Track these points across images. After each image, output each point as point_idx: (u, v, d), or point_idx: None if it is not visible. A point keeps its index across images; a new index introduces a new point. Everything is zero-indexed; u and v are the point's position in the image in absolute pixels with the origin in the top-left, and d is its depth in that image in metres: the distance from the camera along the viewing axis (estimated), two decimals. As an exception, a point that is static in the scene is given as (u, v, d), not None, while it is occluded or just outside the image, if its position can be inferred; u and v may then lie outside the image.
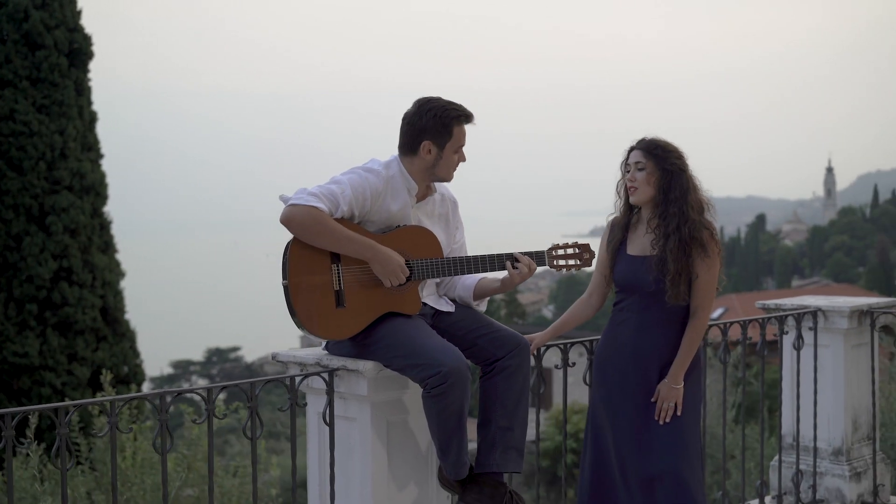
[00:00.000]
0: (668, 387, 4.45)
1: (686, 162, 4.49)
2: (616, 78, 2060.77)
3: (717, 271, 4.47)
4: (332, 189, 4.08)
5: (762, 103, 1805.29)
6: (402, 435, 4.23)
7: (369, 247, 4.07)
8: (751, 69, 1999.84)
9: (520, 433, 4.22)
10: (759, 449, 8.63)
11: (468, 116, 4.23)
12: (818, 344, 5.98)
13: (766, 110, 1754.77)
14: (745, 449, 5.78)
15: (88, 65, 15.57)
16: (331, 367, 4.14)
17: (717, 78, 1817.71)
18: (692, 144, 4.52)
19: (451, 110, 4.18)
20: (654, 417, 4.46)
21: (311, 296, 4.06)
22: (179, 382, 63.43)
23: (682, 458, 4.43)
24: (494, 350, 4.19)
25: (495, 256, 4.27)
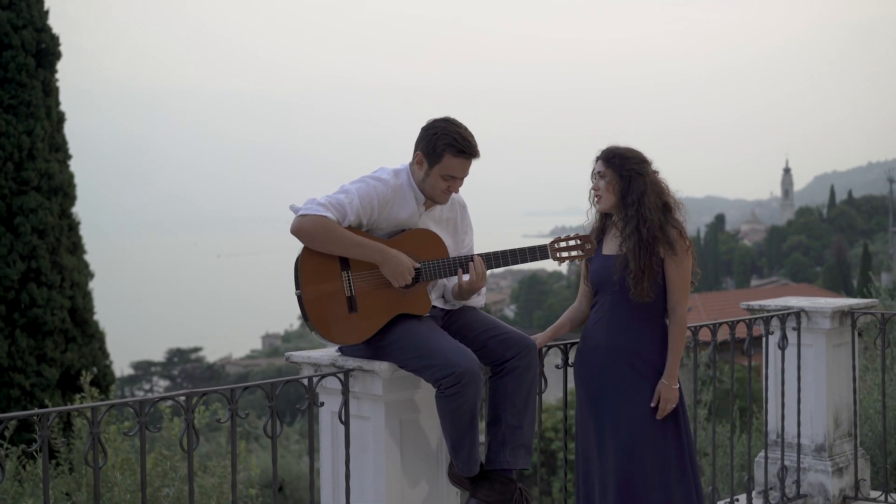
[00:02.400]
0: (667, 388, 4.62)
1: (645, 166, 4.69)
2: (577, 82, 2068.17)
3: (687, 268, 4.66)
4: (340, 199, 4.22)
5: (720, 105, 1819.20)
6: (414, 433, 4.36)
7: (378, 250, 4.21)
8: (708, 73, 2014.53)
9: (528, 431, 4.37)
10: (739, 446, 8.86)
11: (463, 151, 4.30)
12: (801, 343, 6.18)
13: (724, 112, 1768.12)
14: (732, 447, 5.96)
15: (56, 65, 15.47)
16: (346, 367, 4.27)
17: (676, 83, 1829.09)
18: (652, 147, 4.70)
19: (449, 137, 4.29)
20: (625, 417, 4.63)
21: (324, 303, 4.20)
22: (140, 384, 62.99)
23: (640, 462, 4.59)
24: (504, 351, 4.34)
25: (500, 254, 4.41)
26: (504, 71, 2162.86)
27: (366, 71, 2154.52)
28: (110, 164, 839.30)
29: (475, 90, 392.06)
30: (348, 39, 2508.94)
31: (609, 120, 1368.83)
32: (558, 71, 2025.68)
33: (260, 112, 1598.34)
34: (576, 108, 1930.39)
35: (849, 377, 6.41)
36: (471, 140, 4.33)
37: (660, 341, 4.70)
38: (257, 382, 4.02)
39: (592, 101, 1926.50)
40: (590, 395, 4.74)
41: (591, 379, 4.74)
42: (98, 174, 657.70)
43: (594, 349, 4.72)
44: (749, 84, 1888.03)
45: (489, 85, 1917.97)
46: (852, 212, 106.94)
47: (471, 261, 4.36)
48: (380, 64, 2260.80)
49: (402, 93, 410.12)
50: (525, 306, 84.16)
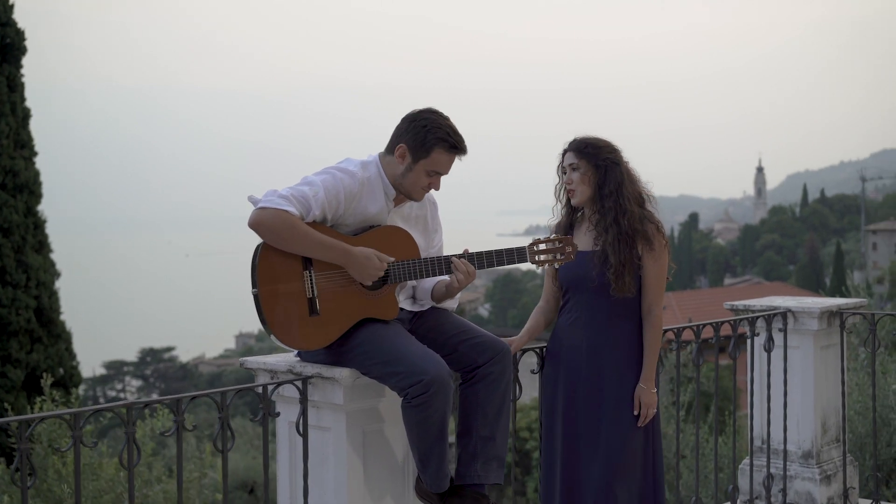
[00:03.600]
0: (647, 392, 4.40)
1: (620, 155, 4.46)
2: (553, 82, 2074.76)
3: (664, 265, 4.44)
4: (303, 191, 3.87)
5: (694, 106, 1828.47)
6: (379, 445, 4.04)
7: (343, 252, 3.88)
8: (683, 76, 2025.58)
9: (501, 443, 4.05)
10: (724, 449, 8.59)
11: (456, 147, 4.01)
12: (787, 345, 5.90)
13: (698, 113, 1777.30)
14: (716, 455, 5.66)
15: (21, 60, 15.10)
16: (304, 374, 3.94)
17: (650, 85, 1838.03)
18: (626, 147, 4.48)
19: (441, 131, 3.98)
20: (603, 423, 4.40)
21: (284, 304, 3.86)
22: (112, 383, 62.49)
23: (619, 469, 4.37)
24: (476, 356, 4.02)
25: (474, 256, 4.09)
26: (482, 70, 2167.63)
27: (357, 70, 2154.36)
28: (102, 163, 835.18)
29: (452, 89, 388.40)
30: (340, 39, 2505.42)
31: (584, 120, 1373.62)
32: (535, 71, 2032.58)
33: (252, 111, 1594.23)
34: (551, 108, 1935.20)
35: (837, 380, 6.13)
36: (461, 135, 4.03)
37: (641, 340, 4.45)
38: (205, 392, 3.67)
39: (568, 101, 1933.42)
40: (565, 399, 4.47)
41: (568, 382, 4.47)
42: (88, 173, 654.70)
43: (573, 350, 4.46)
44: (723, 86, 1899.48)
45: (466, 84, 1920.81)
46: (825, 211, 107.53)
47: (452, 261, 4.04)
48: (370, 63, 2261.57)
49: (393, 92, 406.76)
50: (499, 305, 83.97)
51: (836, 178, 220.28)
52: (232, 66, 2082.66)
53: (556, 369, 4.53)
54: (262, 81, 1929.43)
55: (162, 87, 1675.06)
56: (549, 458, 4.52)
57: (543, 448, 4.56)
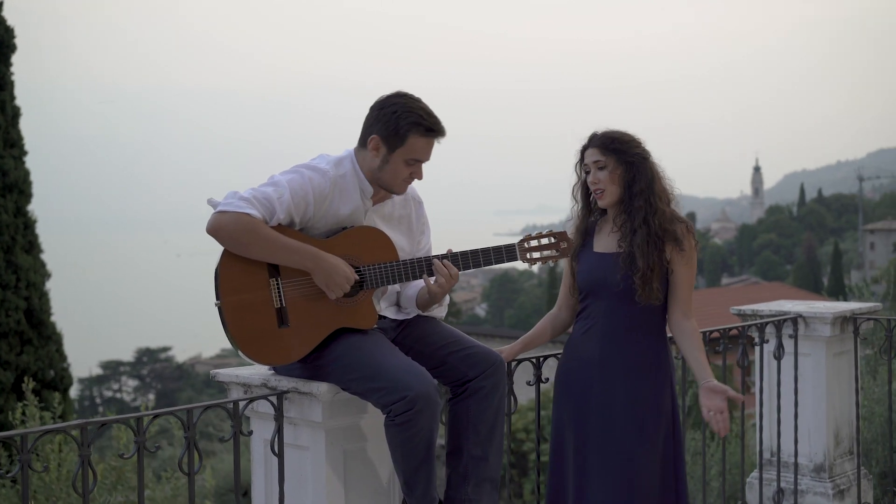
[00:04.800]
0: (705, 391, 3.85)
1: (646, 149, 4.05)
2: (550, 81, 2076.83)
3: (695, 267, 4.03)
4: (266, 193, 3.54)
5: (691, 105, 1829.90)
6: (361, 465, 3.71)
7: (310, 255, 3.54)
8: (681, 74, 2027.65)
9: (495, 463, 3.73)
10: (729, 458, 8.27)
11: (432, 129, 3.66)
12: (798, 352, 5.58)
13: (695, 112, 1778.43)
14: (724, 469, 5.34)
15: (11, 58, 14.79)
16: (279, 389, 3.62)
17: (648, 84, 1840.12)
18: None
19: (413, 115, 3.63)
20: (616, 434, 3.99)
21: (249, 316, 3.53)
22: (109, 383, 62.21)
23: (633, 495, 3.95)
24: (466, 369, 3.69)
25: (460, 255, 3.74)
26: (480, 70, 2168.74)
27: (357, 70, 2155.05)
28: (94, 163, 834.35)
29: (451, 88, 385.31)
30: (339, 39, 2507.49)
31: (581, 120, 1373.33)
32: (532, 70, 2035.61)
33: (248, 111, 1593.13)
34: (549, 108, 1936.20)
35: (851, 389, 5.81)
36: (436, 116, 3.68)
37: (659, 354, 4.04)
38: (170, 410, 3.34)
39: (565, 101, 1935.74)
40: (575, 416, 4.05)
41: (579, 397, 4.05)
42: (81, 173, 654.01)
43: (584, 361, 4.04)
44: (718, 84, 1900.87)
45: (464, 83, 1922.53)
46: (822, 210, 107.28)
47: (433, 262, 3.71)
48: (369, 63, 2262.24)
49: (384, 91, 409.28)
50: (496, 305, 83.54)
51: (834, 178, 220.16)
52: (227, 66, 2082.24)
53: (567, 383, 4.12)
54: (259, 81, 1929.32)
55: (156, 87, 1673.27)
56: (557, 481, 4.11)
57: (550, 469, 4.15)
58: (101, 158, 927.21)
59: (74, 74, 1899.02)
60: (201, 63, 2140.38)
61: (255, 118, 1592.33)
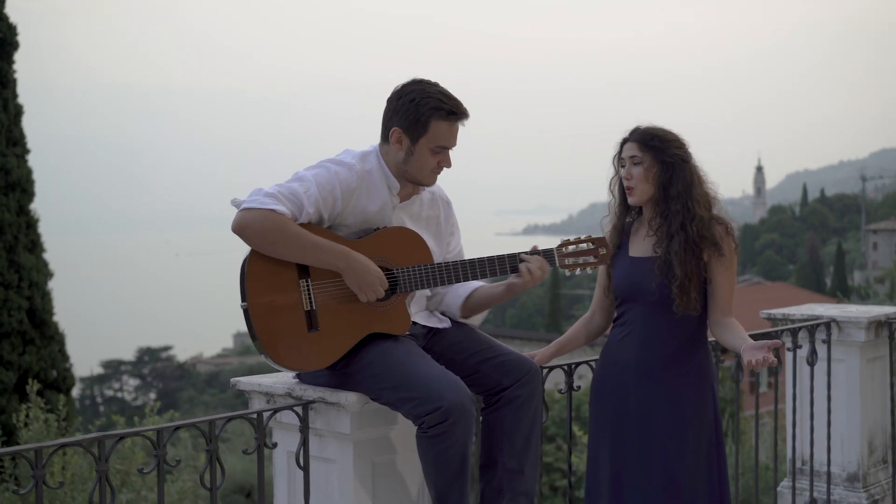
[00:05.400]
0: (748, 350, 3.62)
1: (688, 151, 3.87)
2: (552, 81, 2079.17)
3: (734, 269, 3.85)
4: (293, 188, 3.37)
5: (694, 104, 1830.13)
6: (390, 478, 3.53)
7: (342, 255, 3.37)
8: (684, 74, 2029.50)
9: (531, 476, 3.55)
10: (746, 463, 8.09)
11: (454, 113, 3.47)
12: (832, 358, 5.40)
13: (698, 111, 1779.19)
14: (756, 477, 5.14)
15: (14, 55, 14.65)
16: (305, 398, 3.44)
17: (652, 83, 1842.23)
18: None
19: (433, 100, 3.45)
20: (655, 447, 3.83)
21: (277, 319, 3.35)
22: (110, 382, 62.10)
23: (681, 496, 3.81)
24: (501, 378, 3.52)
25: (496, 259, 3.58)
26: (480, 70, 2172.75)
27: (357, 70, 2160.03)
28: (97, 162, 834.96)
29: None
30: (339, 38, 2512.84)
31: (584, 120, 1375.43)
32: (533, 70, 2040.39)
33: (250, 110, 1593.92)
34: (548, 108, 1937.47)
35: (885, 396, 5.62)
36: (456, 98, 3.50)
37: (700, 361, 3.87)
38: (191, 421, 3.16)
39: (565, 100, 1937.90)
40: (612, 426, 3.89)
41: (615, 404, 3.89)
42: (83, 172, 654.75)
43: (621, 368, 3.88)
44: (721, 84, 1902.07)
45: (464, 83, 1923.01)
46: (825, 210, 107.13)
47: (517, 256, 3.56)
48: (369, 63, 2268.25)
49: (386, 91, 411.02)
50: (497, 305, 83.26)
51: (836, 178, 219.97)
52: (229, 66, 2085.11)
53: (603, 391, 3.96)
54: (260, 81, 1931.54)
55: (158, 86, 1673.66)
56: (594, 491, 3.95)
57: (588, 479, 3.99)
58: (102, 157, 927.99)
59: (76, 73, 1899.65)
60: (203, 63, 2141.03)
61: (256, 118, 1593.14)
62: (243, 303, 3.32)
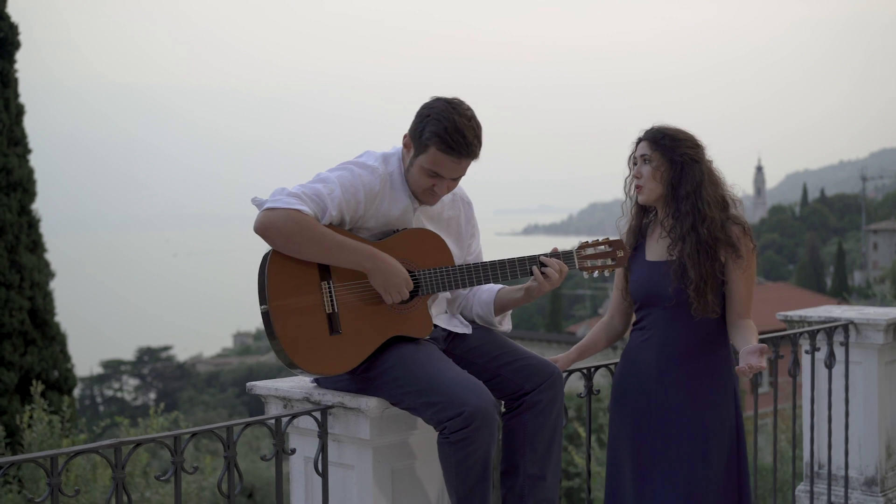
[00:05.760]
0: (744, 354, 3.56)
1: (701, 152, 3.83)
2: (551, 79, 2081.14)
3: (753, 272, 3.81)
4: (316, 189, 3.30)
5: (693, 103, 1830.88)
6: (409, 485, 3.46)
7: (369, 255, 3.30)
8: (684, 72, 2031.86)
9: (553, 482, 3.48)
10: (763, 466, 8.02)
11: (452, 147, 3.33)
12: (849, 361, 5.33)
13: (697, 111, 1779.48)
14: (774, 483, 5.08)
15: (15, 55, 14.58)
16: (324, 403, 3.37)
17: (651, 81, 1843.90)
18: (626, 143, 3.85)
19: (440, 125, 3.33)
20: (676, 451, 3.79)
21: (298, 322, 3.27)
22: (110, 382, 62.00)
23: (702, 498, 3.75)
24: (522, 382, 3.45)
25: (517, 261, 3.50)
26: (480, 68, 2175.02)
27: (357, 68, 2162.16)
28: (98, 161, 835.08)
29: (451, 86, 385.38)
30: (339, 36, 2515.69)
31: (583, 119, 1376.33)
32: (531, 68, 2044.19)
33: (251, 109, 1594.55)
34: (548, 106, 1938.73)
35: (903, 399, 5.56)
36: (466, 135, 3.35)
37: (721, 365, 3.82)
38: (208, 427, 3.09)
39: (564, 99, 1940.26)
40: (632, 430, 3.86)
41: (636, 407, 3.86)
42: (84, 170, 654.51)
43: (641, 372, 3.84)
44: (722, 83, 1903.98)
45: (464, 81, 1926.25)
46: (825, 210, 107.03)
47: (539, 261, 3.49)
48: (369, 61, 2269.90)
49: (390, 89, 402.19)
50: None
51: (836, 178, 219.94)
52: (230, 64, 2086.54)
53: (624, 395, 3.92)
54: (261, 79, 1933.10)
55: (159, 85, 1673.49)
56: (617, 493, 3.92)
57: (609, 481, 3.96)
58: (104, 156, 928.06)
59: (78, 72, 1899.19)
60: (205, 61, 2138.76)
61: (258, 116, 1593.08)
62: (263, 305, 3.25)
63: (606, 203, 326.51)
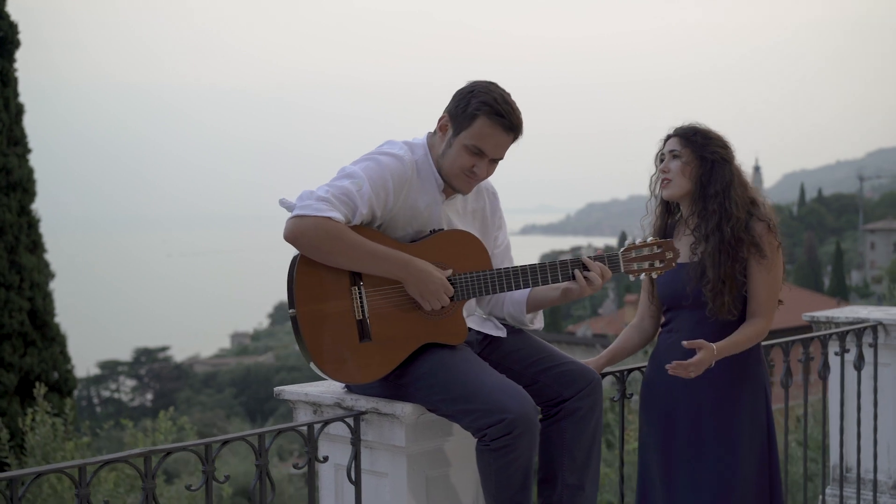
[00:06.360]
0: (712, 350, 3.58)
1: (731, 153, 3.80)
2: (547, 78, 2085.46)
3: (779, 271, 3.74)
4: (344, 187, 3.17)
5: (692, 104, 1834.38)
6: (444, 493, 3.35)
7: (402, 263, 3.18)
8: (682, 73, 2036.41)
9: (591, 492, 3.37)
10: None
11: (501, 115, 3.23)
12: (878, 362, 5.24)
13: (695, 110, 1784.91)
14: (805, 489, 4.99)
15: (14, 54, 14.45)
16: (357, 409, 3.26)
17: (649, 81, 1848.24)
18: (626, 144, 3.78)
19: (488, 95, 3.24)
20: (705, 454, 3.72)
21: (327, 328, 3.16)
22: (107, 383, 61.78)
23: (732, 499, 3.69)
24: (561, 388, 3.34)
25: (558, 264, 3.39)
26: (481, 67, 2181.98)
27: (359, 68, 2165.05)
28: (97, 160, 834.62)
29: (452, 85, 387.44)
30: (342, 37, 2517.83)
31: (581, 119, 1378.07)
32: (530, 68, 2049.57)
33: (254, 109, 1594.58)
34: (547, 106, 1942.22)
35: (932, 402, 5.46)
36: (514, 107, 3.27)
37: (750, 366, 3.76)
38: (241, 434, 2.97)
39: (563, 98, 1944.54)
40: (661, 435, 3.80)
41: (665, 409, 3.81)
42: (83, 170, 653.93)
43: (671, 378, 3.72)
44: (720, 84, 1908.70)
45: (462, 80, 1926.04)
46: (822, 210, 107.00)
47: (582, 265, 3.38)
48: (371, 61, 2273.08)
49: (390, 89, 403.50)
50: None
51: (833, 178, 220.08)
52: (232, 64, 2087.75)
53: (653, 397, 3.87)
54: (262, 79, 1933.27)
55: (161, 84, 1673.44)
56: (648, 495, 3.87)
57: (639, 483, 3.90)
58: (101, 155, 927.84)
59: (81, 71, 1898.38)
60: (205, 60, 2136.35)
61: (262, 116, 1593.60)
62: (292, 310, 3.14)
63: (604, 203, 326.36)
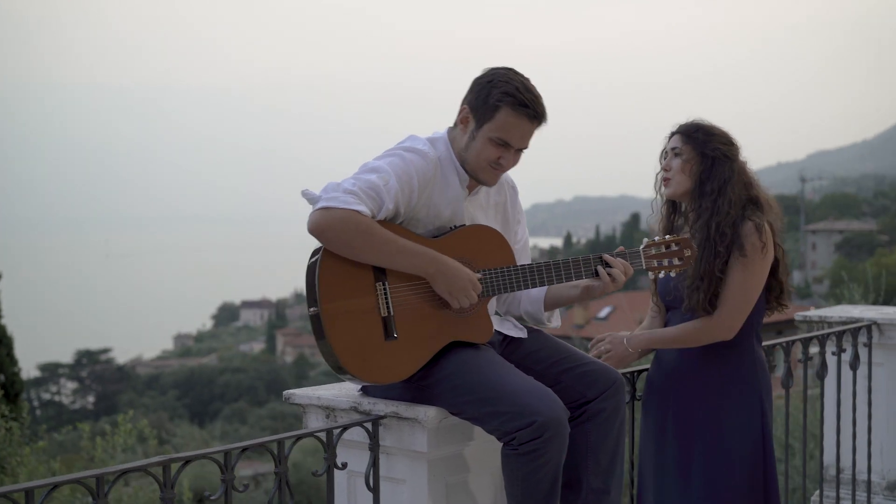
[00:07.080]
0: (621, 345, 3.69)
1: (734, 150, 3.70)
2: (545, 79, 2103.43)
3: (755, 272, 3.60)
4: (371, 181, 3.04)
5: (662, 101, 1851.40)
6: (464, 500, 3.22)
7: (431, 259, 3.06)
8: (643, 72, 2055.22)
9: (616, 496, 3.26)
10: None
11: (525, 104, 3.13)
12: (872, 362, 5.20)
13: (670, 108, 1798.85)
14: (787, 489, 4.93)
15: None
16: (375, 413, 3.12)
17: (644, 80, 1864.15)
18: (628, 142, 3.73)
19: (510, 85, 3.13)
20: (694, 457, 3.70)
21: (351, 326, 3.01)
22: (47, 385, 60.71)
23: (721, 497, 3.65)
24: (584, 389, 3.22)
25: (581, 260, 3.29)
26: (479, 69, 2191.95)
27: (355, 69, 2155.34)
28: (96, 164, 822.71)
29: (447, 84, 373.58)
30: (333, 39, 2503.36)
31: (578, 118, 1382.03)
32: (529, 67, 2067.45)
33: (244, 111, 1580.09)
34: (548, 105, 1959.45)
35: (925, 401, 5.43)
36: (536, 94, 3.17)
37: (745, 371, 3.70)
38: (260, 441, 2.80)
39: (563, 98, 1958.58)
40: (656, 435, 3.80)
41: (659, 412, 3.78)
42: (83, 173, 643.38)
43: (664, 371, 3.77)
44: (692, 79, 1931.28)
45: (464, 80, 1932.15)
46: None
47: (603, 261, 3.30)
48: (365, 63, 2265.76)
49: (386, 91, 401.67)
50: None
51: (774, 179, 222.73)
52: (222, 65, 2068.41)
53: (650, 396, 3.85)
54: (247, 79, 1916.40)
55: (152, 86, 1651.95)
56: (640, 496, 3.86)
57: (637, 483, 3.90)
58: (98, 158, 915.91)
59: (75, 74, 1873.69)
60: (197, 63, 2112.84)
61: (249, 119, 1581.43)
62: (313, 307, 2.99)
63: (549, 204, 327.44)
